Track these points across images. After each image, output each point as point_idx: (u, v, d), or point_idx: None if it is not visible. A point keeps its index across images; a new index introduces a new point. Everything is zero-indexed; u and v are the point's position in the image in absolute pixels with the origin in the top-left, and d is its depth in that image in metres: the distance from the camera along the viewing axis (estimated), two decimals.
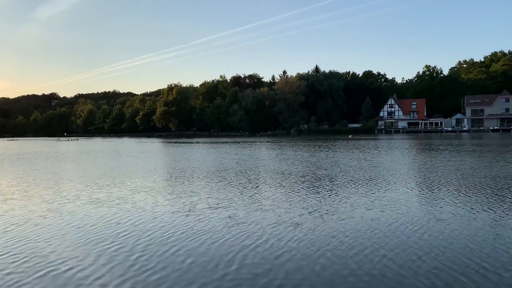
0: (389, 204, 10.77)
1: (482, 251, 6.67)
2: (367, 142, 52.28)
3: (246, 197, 12.33)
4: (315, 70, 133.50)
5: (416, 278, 5.52)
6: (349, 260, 6.33)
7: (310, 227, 8.47)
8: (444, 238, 7.47)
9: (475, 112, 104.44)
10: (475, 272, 5.73)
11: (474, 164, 20.66)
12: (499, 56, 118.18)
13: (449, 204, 10.65)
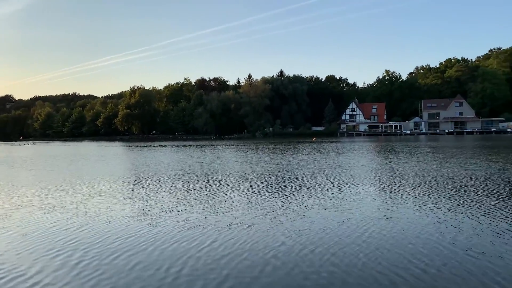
0: (344, 204, 11.06)
1: (424, 247, 6.99)
2: (330, 144, 53.41)
3: (205, 200, 12.27)
4: (279, 74, 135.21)
5: (361, 276, 5.71)
6: (300, 260, 6.44)
7: (264, 228, 8.56)
8: (391, 237, 7.77)
9: (432, 115, 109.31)
10: (416, 268, 6.00)
11: (427, 165, 21.59)
12: (453, 62, 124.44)
13: (400, 204, 11.08)
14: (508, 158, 25.00)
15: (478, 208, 10.17)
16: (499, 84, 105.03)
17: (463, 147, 39.86)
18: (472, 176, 16.35)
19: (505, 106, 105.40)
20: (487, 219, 9.04)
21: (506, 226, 8.35)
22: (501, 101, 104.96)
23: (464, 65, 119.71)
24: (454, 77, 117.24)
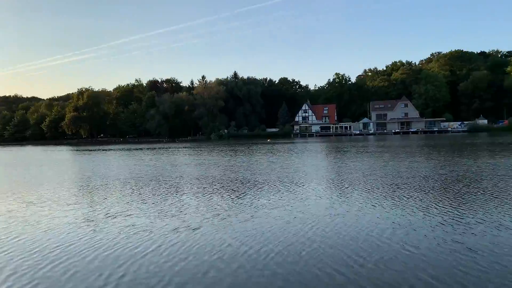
0: (293, 204, 11.28)
1: (364, 243, 7.32)
2: (283, 145, 54.21)
3: (153, 204, 12.02)
4: (233, 76, 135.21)
5: (302, 274, 5.86)
6: (245, 261, 6.50)
7: (212, 231, 8.54)
8: (334, 234, 8.05)
9: (379, 116, 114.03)
10: (355, 263, 6.27)
11: (373, 164, 22.53)
12: (398, 65, 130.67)
13: (345, 202, 11.49)
14: (445, 157, 26.67)
15: (416, 204, 10.77)
16: (440, 86, 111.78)
17: (407, 146, 42.00)
18: (413, 174, 17.28)
19: (445, 107, 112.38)
20: (423, 214, 9.61)
21: (439, 220, 8.91)
22: (442, 102, 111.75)
23: (408, 68, 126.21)
24: (399, 79, 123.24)
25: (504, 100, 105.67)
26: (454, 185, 13.86)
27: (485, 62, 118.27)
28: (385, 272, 5.84)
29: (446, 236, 7.60)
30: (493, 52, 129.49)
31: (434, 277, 5.60)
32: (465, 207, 10.15)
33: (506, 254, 6.52)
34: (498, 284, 5.31)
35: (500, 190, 12.38)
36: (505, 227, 8.10)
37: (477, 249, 6.75)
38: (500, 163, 20.61)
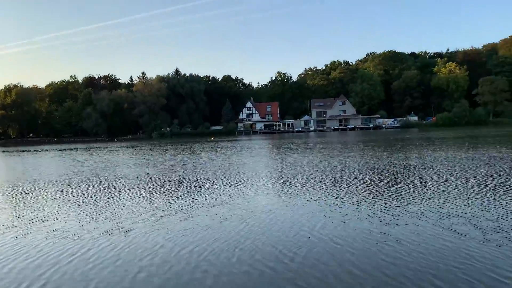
0: (231, 201, 11.31)
1: (295, 237, 7.54)
2: (227, 143, 54.21)
3: (85, 207, 11.46)
4: (175, 73, 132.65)
5: (233, 272, 5.91)
6: (176, 262, 6.41)
7: (145, 232, 8.32)
8: (268, 229, 8.20)
9: (319, 114, 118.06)
10: (285, 257, 6.44)
11: (312, 160, 23.25)
12: (336, 65, 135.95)
13: (282, 197, 11.75)
14: (378, 152, 28.21)
15: (348, 197, 11.29)
16: (375, 85, 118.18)
17: (344, 142, 43.88)
18: (348, 168, 18.09)
19: (380, 105, 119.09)
20: (354, 207, 10.09)
21: (368, 212, 9.41)
22: (377, 100, 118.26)
23: (346, 68, 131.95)
24: (337, 78, 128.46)
25: (432, 98, 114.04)
26: (384, 178, 14.71)
27: (415, 62, 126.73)
28: (313, 265, 6.05)
29: (373, 228, 8.03)
30: (422, 53, 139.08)
31: (360, 269, 5.87)
32: (392, 199, 10.81)
33: (423, 241, 7.03)
34: (415, 271, 5.72)
35: (423, 182, 13.34)
36: (425, 216, 8.74)
37: (400, 239, 7.21)
38: (426, 156, 22.22)
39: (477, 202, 9.92)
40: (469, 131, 57.18)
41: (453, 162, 18.90)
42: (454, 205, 9.74)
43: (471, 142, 33.75)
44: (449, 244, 6.82)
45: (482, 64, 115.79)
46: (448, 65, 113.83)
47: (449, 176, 14.32)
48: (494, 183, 12.49)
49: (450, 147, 28.94)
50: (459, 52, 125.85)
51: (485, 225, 7.88)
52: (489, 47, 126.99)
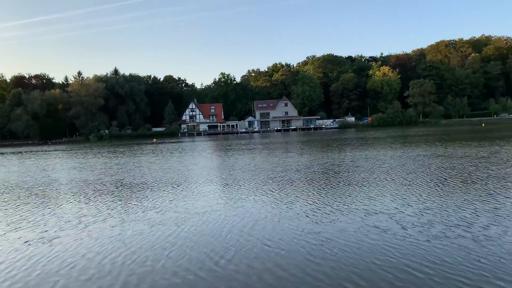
0: (165, 205, 11.05)
1: (225, 240, 7.54)
2: (170, 145, 53.03)
3: (6, 216, 10.60)
4: (114, 72, 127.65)
5: (155, 280, 5.78)
6: (97, 272, 6.13)
7: (67, 241, 7.86)
8: (199, 232, 8.13)
9: (263, 115, 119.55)
10: (211, 261, 6.42)
11: (252, 161, 23.45)
12: (278, 67, 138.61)
13: (217, 199, 11.70)
14: (317, 151, 29.12)
15: (283, 197, 11.50)
16: (315, 87, 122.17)
17: (286, 143, 44.83)
18: (287, 168, 18.46)
19: (320, 106, 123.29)
20: (287, 206, 10.30)
21: (300, 212, 9.65)
22: (317, 101, 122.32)
23: (287, 70, 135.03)
24: (280, 80, 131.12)
25: (367, 100, 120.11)
26: (319, 177, 15.20)
27: (352, 66, 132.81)
28: (236, 268, 6.07)
29: (303, 227, 8.25)
30: (358, 57, 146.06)
31: (284, 269, 5.96)
32: (324, 198, 11.19)
33: (349, 239, 7.35)
34: (337, 269, 5.94)
35: (354, 180, 13.98)
36: (353, 214, 9.15)
37: (327, 237, 7.47)
38: (359, 155, 23.32)
39: (401, 199, 10.57)
40: (401, 131, 60.94)
41: (383, 160, 20.01)
42: (380, 202, 10.31)
43: (401, 141, 35.98)
44: (371, 240, 7.18)
45: (412, 68, 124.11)
46: (382, 69, 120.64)
47: (378, 174, 15.14)
48: (417, 180, 13.39)
49: (381, 146, 30.64)
50: (392, 57, 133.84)
51: (405, 220, 8.40)
52: (418, 52, 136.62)
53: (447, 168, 15.88)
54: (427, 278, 5.41)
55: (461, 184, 12.23)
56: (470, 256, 6.14)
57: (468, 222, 8.02)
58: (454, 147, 26.24)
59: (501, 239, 6.86)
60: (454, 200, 10.10)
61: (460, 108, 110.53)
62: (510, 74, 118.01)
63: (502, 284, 5.17)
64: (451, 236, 7.17)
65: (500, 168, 15.11)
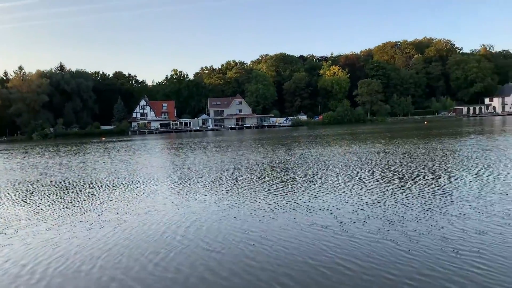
0: (106, 205, 10.70)
1: (160, 240, 7.46)
2: (118, 144, 51.29)
3: None
4: (59, 68, 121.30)
5: (78, 285, 5.60)
6: (25, 281, 5.84)
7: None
8: (134, 234, 7.97)
9: (217, 113, 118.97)
10: (137, 263, 6.32)
11: (201, 159, 23.28)
12: (232, 65, 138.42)
13: (162, 198, 11.51)
14: (267, 149, 29.45)
15: (230, 196, 11.52)
16: (268, 85, 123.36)
17: (239, 141, 44.93)
18: (237, 166, 18.50)
19: (273, 104, 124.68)
20: (233, 205, 10.34)
21: (244, 210, 9.73)
22: (271, 99, 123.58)
23: (241, 68, 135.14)
24: (233, 78, 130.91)
25: (319, 98, 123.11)
26: (267, 174, 15.39)
27: (303, 65, 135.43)
28: (168, 269, 6.02)
29: (245, 226, 8.33)
30: (309, 56, 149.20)
31: (221, 270, 5.97)
32: (269, 195, 11.34)
33: (288, 237, 7.52)
34: (270, 266, 6.06)
35: (300, 177, 14.30)
36: (295, 211, 9.36)
37: (268, 236, 7.57)
38: (308, 153, 23.88)
39: (341, 195, 10.96)
40: (349, 129, 63.17)
41: (329, 157, 20.64)
42: (321, 199, 10.63)
43: (348, 138, 37.29)
44: (310, 237, 7.38)
45: (360, 68, 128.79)
46: (332, 68, 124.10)
47: (323, 171, 15.59)
48: (358, 176, 13.94)
49: (329, 143, 31.58)
50: (341, 56, 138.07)
51: (344, 217, 8.72)
52: (366, 53, 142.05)
53: (387, 165, 16.69)
54: (358, 273, 5.65)
55: (399, 180, 12.91)
56: (399, 250, 6.50)
57: (402, 217, 8.48)
58: (396, 144, 27.62)
59: (430, 233, 7.32)
60: (391, 195, 10.64)
61: (404, 107, 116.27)
62: (449, 75, 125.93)
63: (427, 275, 5.52)
64: (385, 231, 7.54)
65: (434, 164, 16.11)
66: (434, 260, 5.98)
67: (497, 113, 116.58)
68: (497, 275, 5.36)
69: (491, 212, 8.47)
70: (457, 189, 10.99)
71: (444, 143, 26.10)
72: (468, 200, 9.66)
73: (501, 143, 24.39)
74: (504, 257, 5.96)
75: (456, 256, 6.09)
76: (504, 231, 7.13)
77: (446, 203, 9.43)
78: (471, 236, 6.98)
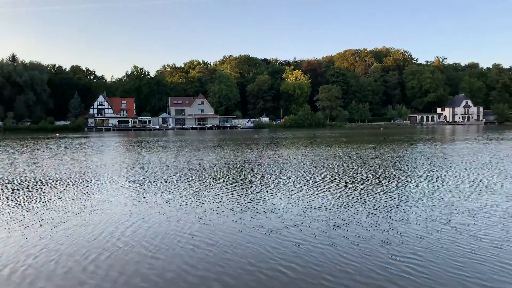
0: (49, 205, 10.16)
1: (99, 241, 7.17)
2: (72, 140, 49.17)
3: None
4: (11, 59, 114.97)
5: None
6: None
7: None
8: (81, 232, 7.61)
9: (178, 112, 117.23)
10: (77, 264, 6.05)
11: (155, 159, 22.77)
12: (195, 64, 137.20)
13: (112, 197, 11.10)
14: (226, 150, 29.31)
15: (177, 197, 11.29)
16: (232, 86, 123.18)
17: (198, 141, 44.43)
18: (191, 167, 18.22)
19: (236, 106, 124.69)
20: (179, 207, 10.13)
21: (191, 213, 9.56)
22: (233, 101, 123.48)
23: (204, 68, 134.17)
24: (196, 77, 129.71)
25: (281, 102, 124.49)
26: (221, 175, 15.25)
27: (267, 68, 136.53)
28: (105, 273, 5.80)
29: (191, 228, 8.19)
30: (273, 60, 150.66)
31: (157, 275, 5.84)
32: (219, 197, 11.23)
33: (231, 240, 7.46)
34: (209, 271, 5.98)
35: (253, 179, 14.30)
36: (241, 213, 9.32)
37: (210, 240, 7.47)
38: (265, 154, 23.98)
39: (290, 198, 11.04)
40: (309, 132, 64.28)
41: (285, 159, 20.82)
42: (271, 201, 10.66)
43: (306, 142, 37.90)
44: (254, 241, 7.34)
45: (322, 74, 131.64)
46: (294, 73, 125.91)
47: (277, 173, 15.66)
48: (310, 179, 14.13)
49: (288, 146, 31.94)
50: (304, 62, 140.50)
51: (291, 220, 8.77)
52: (328, 59, 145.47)
53: (339, 168, 17.06)
54: (295, 279, 5.66)
55: (348, 184, 13.22)
56: (338, 255, 6.60)
57: (346, 221, 8.65)
58: (350, 148, 28.37)
59: (372, 237, 7.51)
60: (339, 199, 10.85)
61: (362, 113, 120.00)
62: (405, 84, 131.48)
63: (363, 279, 5.64)
64: (328, 235, 7.65)
65: (383, 169, 16.65)
66: (372, 265, 6.12)
67: (447, 122, 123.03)
68: (430, 280, 5.56)
69: (430, 217, 8.82)
70: (402, 194, 11.40)
71: (396, 149, 27.11)
72: (411, 205, 10.04)
73: (447, 151, 25.68)
74: (437, 263, 6.18)
75: (393, 261, 6.27)
76: (440, 237, 7.44)
77: (390, 208, 9.75)
78: (409, 241, 7.22)
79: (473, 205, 10.00)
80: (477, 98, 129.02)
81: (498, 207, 9.75)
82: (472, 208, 9.61)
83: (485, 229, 7.92)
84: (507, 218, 8.68)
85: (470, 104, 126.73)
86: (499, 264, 6.11)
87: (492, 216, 8.86)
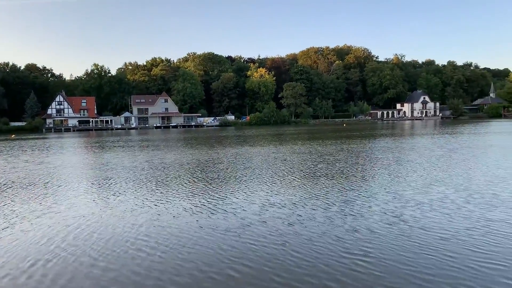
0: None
1: (50, 246, 6.87)
2: (27, 142, 46.96)
3: None
4: None
5: None
6: None
7: None
8: (31, 236, 7.25)
9: (141, 110, 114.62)
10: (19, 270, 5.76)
11: (116, 158, 22.15)
12: (158, 61, 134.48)
13: (66, 199, 10.66)
14: (190, 149, 28.95)
15: (134, 198, 11.01)
16: (196, 84, 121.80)
17: (160, 140, 43.64)
18: (151, 166, 17.83)
19: (201, 104, 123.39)
20: (135, 208, 9.87)
21: (146, 215, 9.35)
22: (198, 99, 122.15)
23: (167, 65, 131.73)
24: (159, 75, 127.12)
25: (246, 99, 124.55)
26: (183, 174, 15.02)
27: (231, 66, 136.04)
28: (40, 280, 5.56)
29: (144, 230, 8.00)
30: (237, 57, 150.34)
31: (91, 277, 5.68)
32: (179, 197, 11.04)
33: (182, 241, 7.35)
34: (159, 274, 5.86)
35: (215, 177, 14.18)
36: (199, 213, 9.21)
37: (162, 242, 7.33)
38: (230, 152, 23.88)
39: (250, 196, 11.02)
40: (274, 130, 64.72)
41: (249, 157, 20.83)
42: (230, 199, 10.61)
43: (271, 139, 38.11)
44: (208, 242, 7.27)
45: (286, 71, 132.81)
46: (259, 70, 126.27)
47: (240, 171, 15.63)
48: (270, 176, 14.19)
49: (252, 144, 31.97)
50: (268, 59, 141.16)
51: (248, 218, 8.75)
52: (291, 57, 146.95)
53: (299, 165, 17.25)
54: (247, 278, 5.65)
55: (307, 180, 13.37)
56: (291, 252, 6.64)
57: (302, 217, 8.73)
58: (312, 145, 28.79)
59: (325, 233, 7.61)
60: (296, 196, 10.95)
61: (326, 110, 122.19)
62: (366, 81, 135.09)
63: (315, 276, 5.68)
64: (282, 233, 7.68)
65: (341, 165, 17.00)
66: (325, 261, 6.19)
67: (406, 118, 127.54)
68: (379, 275, 5.68)
69: (384, 211, 9.06)
70: (358, 189, 11.66)
71: (355, 145, 27.78)
72: (366, 199, 10.28)
73: (404, 145, 26.60)
74: (388, 258, 6.32)
75: (345, 256, 6.37)
76: (391, 231, 7.64)
77: (345, 203, 9.94)
78: (362, 236, 7.37)
79: (424, 197, 10.37)
80: (434, 94, 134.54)
81: (447, 199, 10.17)
82: (423, 201, 9.96)
83: (434, 221, 8.22)
84: (455, 210, 9.06)
85: (427, 99, 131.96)
86: (446, 256, 6.32)
87: (441, 208, 9.22)
